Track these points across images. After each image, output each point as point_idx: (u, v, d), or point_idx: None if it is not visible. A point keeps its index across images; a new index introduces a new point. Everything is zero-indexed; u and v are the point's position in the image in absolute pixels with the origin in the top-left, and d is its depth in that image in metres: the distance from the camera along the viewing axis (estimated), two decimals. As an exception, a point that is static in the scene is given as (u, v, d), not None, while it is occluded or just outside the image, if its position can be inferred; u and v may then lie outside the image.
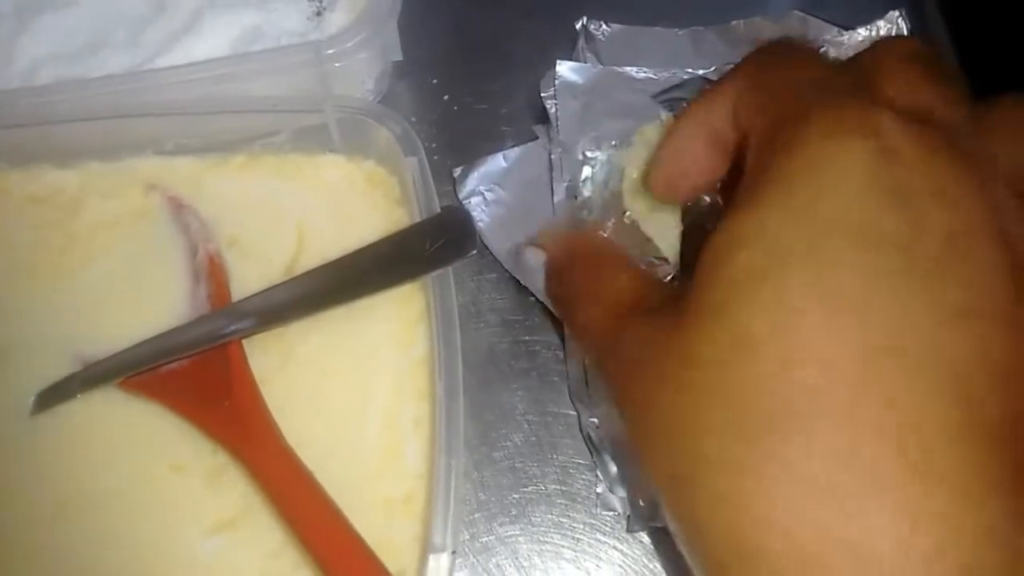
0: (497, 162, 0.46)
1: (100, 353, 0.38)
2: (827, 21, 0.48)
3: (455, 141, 0.47)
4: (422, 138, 0.41)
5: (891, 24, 0.47)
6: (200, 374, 0.37)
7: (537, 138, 0.46)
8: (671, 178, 0.31)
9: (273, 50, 0.44)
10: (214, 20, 0.46)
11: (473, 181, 0.45)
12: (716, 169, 0.30)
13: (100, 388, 0.38)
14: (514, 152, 0.46)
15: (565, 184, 0.43)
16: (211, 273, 0.40)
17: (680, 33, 0.49)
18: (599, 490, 0.38)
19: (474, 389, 0.40)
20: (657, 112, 0.44)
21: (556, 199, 0.43)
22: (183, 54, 0.45)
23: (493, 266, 0.43)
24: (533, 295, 0.42)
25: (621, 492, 0.38)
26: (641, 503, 0.37)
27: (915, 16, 0.48)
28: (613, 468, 0.38)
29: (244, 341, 0.38)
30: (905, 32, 0.47)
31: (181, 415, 0.37)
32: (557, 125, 0.45)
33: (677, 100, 0.45)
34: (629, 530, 0.38)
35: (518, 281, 0.43)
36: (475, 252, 0.38)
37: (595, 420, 0.39)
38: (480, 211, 0.44)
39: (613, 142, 0.43)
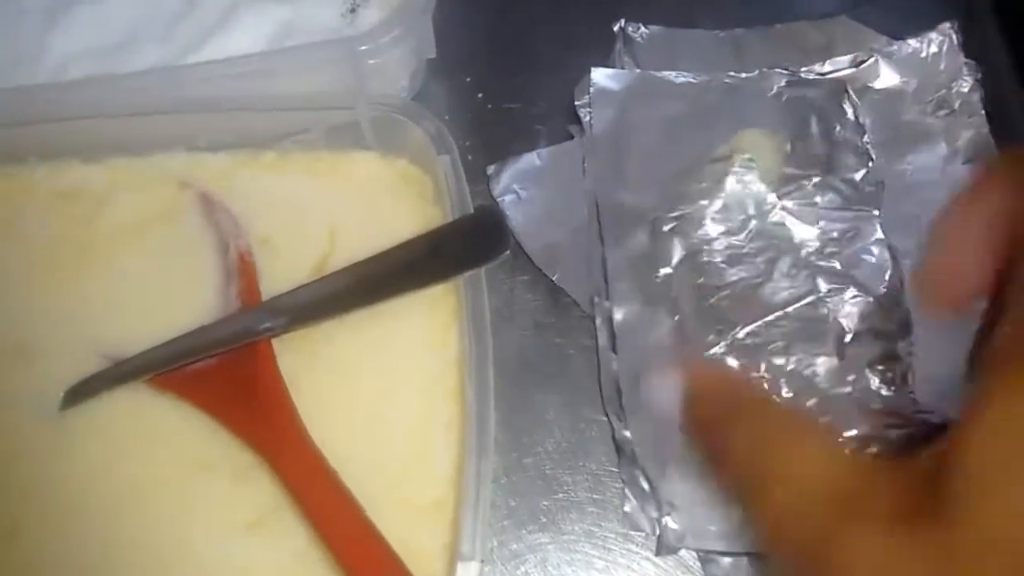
0: (531, 161, 0.45)
1: (128, 350, 0.38)
2: (875, 30, 0.47)
3: (489, 140, 0.46)
4: (455, 136, 0.40)
5: (943, 36, 0.46)
6: (228, 373, 0.37)
7: (572, 137, 0.46)
8: (944, 284, 0.27)
9: (306, 46, 0.44)
10: (247, 15, 0.45)
11: (507, 179, 0.44)
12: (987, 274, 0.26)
13: (128, 385, 0.37)
14: (548, 151, 0.45)
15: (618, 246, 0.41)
16: (242, 271, 0.39)
17: (721, 35, 0.49)
18: (627, 509, 0.37)
19: (505, 392, 0.39)
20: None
21: (610, 265, 0.41)
22: (216, 50, 0.44)
23: (526, 267, 0.43)
24: (569, 296, 0.42)
25: (651, 511, 0.37)
26: (671, 526, 0.36)
27: (968, 28, 0.47)
28: (645, 485, 0.37)
29: (273, 340, 0.38)
30: (957, 45, 0.46)
31: (208, 413, 0.36)
32: (592, 133, 0.44)
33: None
34: (658, 553, 0.36)
35: (552, 282, 0.42)
36: (508, 253, 0.38)
37: (628, 433, 0.38)
38: (513, 210, 0.44)
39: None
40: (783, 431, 0.25)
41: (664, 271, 0.41)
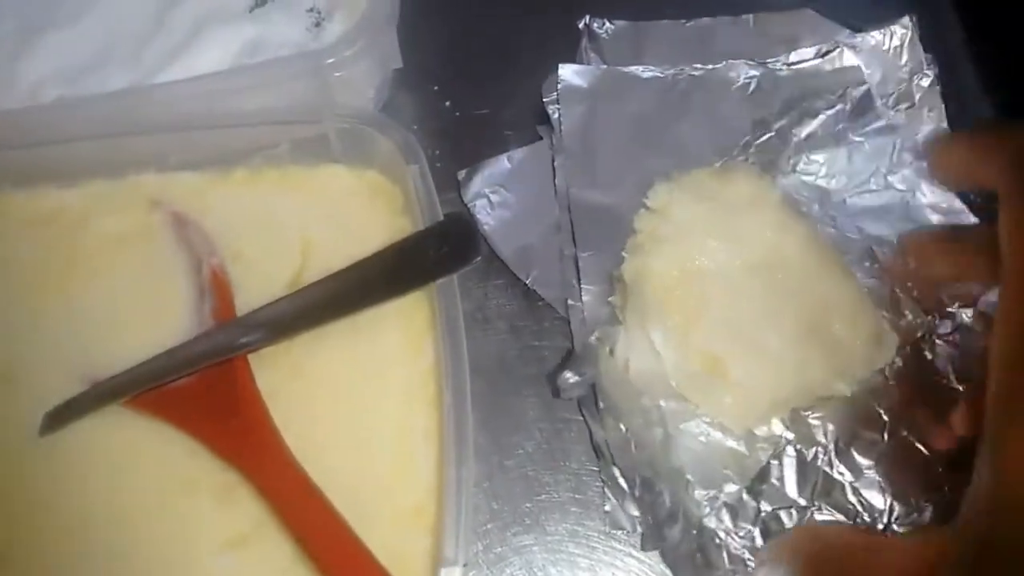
0: (501, 164, 0.45)
1: (107, 371, 0.38)
2: (838, 23, 0.48)
3: (458, 147, 0.46)
4: (424, 145, 0.40)
5: (905, 29, 0.46)
6: (207, 391, 0.37)
7: (541, 138, 0.46)
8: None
9: (272, 62, 0.44)
10: (213, 34, 0.46)
11: (477, 184, 0.45)
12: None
13: (108, 407, 0.37)
14: (518, 153, 0.45)
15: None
16: (215, 288, 0.40)
17: (687, 25, 0.49)
18: (607, 508, 0.38)
19: (484, 397, 0.40)
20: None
21: (581, 265, 0.41)
22: (184, 69, 0.44)
23: (500, 271, 0.43)
24: (542, 299, 0.42)
25: (631, 510, 0.37)
26: (652, 521, 0.37)
27: (930, 21, 0.47)
28: (623, 483, 0.37)
29: (251, 357, 0.38)
30: (916, 37, 0.46)
31: (188, 433, 0.37)
32: (561, 131, 0.44)
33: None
34: (643, 548, 0.37)
35: (526, 285, 0.42)
36: (480, 259, 0.38)
37: (604, 434, 0.38)
38: (485, 214, 0.44)
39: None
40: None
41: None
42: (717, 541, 0.36)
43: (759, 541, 0.36)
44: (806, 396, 0.38)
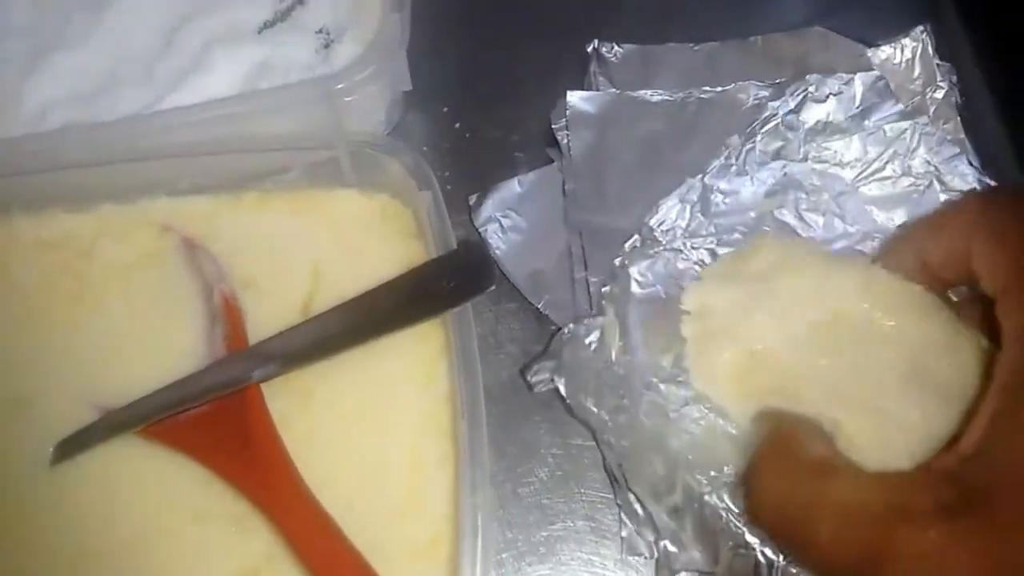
0: (512, 188, 0.45)
1: (118, 400, 0.38)
2: (848, 38, 0.48)
3: (469, 169, 0.46)
4: (435, 167, 0.40)
5: (916, 41, 0.46)
6: (219, 421, 0.37)
7: (552, 161, 0.46)
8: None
9: (283, 87, 0.44)
10: (223, 56, 0.45)
11: (489, 208, 0.44)
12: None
13: (119, 437, 0.37)
14: (529, 177, 0.45)
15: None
16: (227, 315, 0.39)
17: (695, 49, 0.49)
18: (624, 534, 0.37)
19: (496, 423, 0.39)
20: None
21: (592, 289, 0.41)
22: (193, 90, 0.44)
23: (512, 295, 0.43)
24: (554, 324, 0.42)
25: (648, 535, 0.37)
26: (669, 548, 0.36)
27: (938, 31, 0.47)
28: (639, 509, 0.37)
29: (263, 385, 0.38)
30: (930, 49, 0.46)
31: (201, 463, 0.36)
32: (570, 157, 0.44)
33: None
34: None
35: (538, 310, 0.42)
36: (493, 287, 0.38)
37: (619, 459, 0.38)
38: (496, 238, 0.44)
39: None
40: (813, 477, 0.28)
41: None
42: (720, 516, 0.36)
43: None
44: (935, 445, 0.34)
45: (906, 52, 0.46)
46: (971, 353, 0.33)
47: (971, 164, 0.43)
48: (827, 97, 0.44)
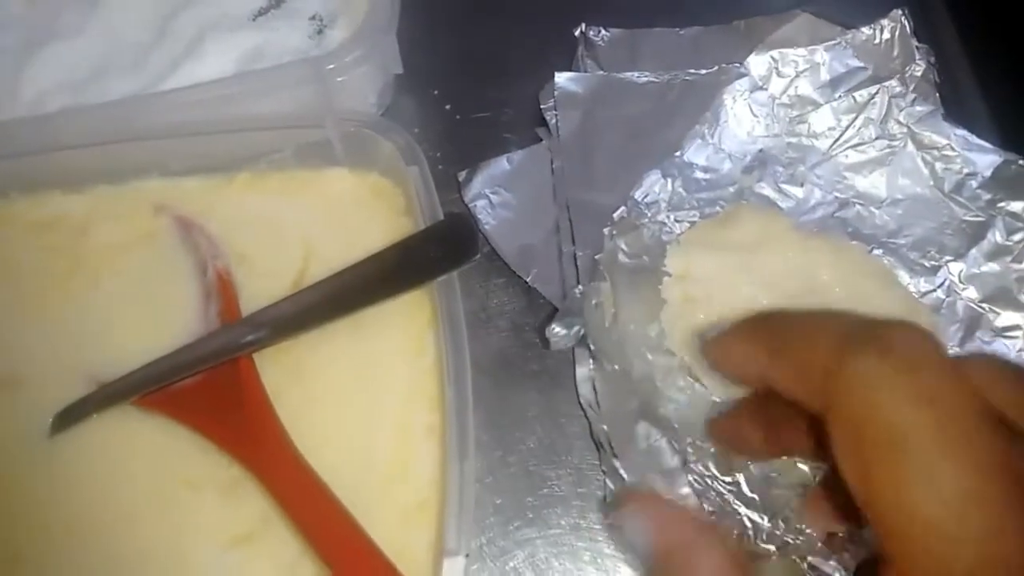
0: (501, 165, 0.46)
1: (114, 373, 0.38)
2: (830, 21, 0.48)
3: (459, 150, 0.47)
4: (425, 148, 0.41)
5: (894, 23, 0.47)
6: (212, 389, 0.37)
7: (540, 140, 0.46)
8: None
9: (274, 68, 0.45)
10: (216, 43, 0.46)
11: (478, 184, 0.45)
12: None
13: (115, 407, 0.38)
14: (518, 155, 0.46)
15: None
16: (221, 290, 0.40)
17: (681, 33, 0.50)
18: (608, 500, 0.38)
19: (487, 394, 0.40)
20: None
21: (580, 263, 0.41)
22: (187, 77, 0.45)
23: (502, 270, 0.44)
24: (543, 297, 0.42)
25: None
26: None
27: (919, 14, 0.48)
28: (625, 476, 0.38)
29: (255, 356, 0.38)
30: (908, 30, 0.47)
31: (195, 430, 0.37)
32: (558, 136, 0.45)
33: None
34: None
35: (526, 284, 0.43)
36: (479, 256, 0.39)
37: (605, 427, 0.38)
38: (486, 214, 0.44)
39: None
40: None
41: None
42: (705, 484, 0.36)
43: (744, 488, 0.36)
44: None
45: (884, 33, 0.47)
46: (925, 319, 0.38)
47: (945, 120, 0.44)
48: (796, 72, 0.45)
